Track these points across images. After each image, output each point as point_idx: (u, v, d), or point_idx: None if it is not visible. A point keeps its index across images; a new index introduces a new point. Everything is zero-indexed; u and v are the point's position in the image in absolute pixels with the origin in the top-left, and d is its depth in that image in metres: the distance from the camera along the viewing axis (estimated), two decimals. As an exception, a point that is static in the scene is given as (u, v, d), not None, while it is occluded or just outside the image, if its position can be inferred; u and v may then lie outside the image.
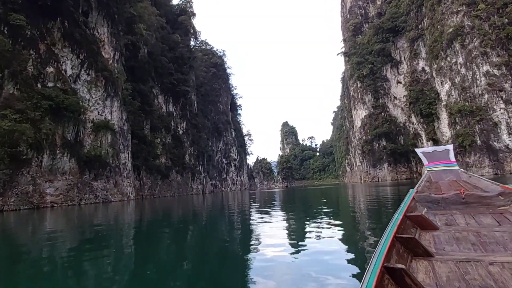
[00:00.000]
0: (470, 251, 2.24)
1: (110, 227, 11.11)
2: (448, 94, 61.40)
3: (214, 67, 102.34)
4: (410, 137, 77.89)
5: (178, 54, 65.27)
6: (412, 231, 2.71)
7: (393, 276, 1.61)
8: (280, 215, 11.83)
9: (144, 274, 4.50)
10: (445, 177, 6.16)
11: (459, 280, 1.73)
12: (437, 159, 6.68)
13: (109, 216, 16.74)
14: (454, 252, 2.23)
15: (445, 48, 61.92)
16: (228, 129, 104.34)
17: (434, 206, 3.88)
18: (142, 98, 50.52)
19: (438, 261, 2.03)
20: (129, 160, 42.83)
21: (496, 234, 2.54)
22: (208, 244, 6.64)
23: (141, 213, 18.15)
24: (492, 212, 3.44)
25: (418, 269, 1.95)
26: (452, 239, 2.55)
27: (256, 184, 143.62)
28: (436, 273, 1.85)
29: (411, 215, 2.91)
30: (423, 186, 5.27)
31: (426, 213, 3.60)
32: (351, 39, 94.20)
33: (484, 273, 1.78)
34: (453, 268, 1.90)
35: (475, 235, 2.60)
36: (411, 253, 2.14)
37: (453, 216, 3.44)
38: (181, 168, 62.58)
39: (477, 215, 3.39)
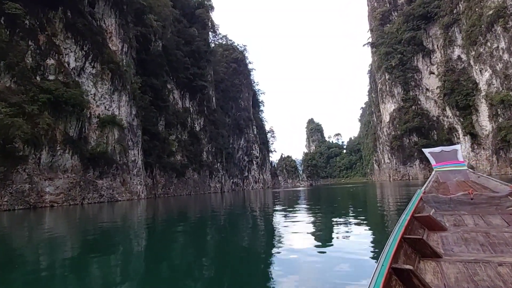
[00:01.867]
0: (479, 252, 2.22)
1: (108, 229, 10.40)
2: (489, 83, 55.36)
3: (234, 63, 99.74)
4: (444, 132, 71.87)
5: (195, 48, 63.10)
6: (420, 232, 2.71)
7: (400, 277, 1.59)
8: (298, 216, 11.04)
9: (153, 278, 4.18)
10: (453, 178, 6.07)
11: (467, 281, 1.70)
12: (445, 159, 6.53)
13: (110, 216, 15.79)
14: (462, 253, 2.21)
15: (485, 33, 55.89)
16: (250, 126, 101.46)
17: (442, 206, 3.86)
18: (155, 93, 48.60)
19: (447, 262, 2.02)
20: (140, 158, 40.90)
21: (505, 235, 2.52)
22: (221, 246, 6.31)
23: (149, 213, 17.22)
24: (501, 213, 3.41)
25: (426, 270, 1.93)
26: (461, 240, 2.53)
27: (280, 183, 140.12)
28: (444, 274, 1.83)
29: (418, 216, 2.91)
30: (431, 187, 5.20)
31: (434, 213, 3.53)
32: (379, 28, 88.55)
33: (493, 274, 1.75)
34: (462, 269, 1.87)
35: (484, 236, 2.58)
36: (419, 254, 2.12)
37: (462, 217, 3.42)
38: (198, 166, 60.44)
39: (486, 216, 3.36)
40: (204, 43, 69.15)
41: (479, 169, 59.60)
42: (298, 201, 20.55)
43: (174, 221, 12.54)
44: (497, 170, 52.28)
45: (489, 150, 56.84)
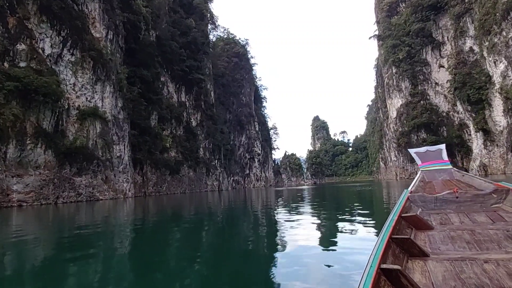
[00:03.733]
0: (465, 249, 2.25)
1: (84, 231, 9.01)
2: (504, 75, 51.51)
3: (236, 57, 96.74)
4: (454, 128, 67.95)
5: (191, 39, 60.16)
6: (407, 232, 2.72)
7: (389, 277, 1.59)
8: (296, 217, 9.95)
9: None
10: (439, 177, 6.20)
11: (454, 279, 1.72)
12: (430, 159, 6.67)
13: (86, 218, 14.15)
14: (449, 251, 2.24)
15: (500, 21, 51.96)
16: (252, 122, 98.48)
17: (429, 205, 3.92)
18: (146, 85, 45.80)
19: (434, 260, 2.03)
20: (127, 153, 38.18)
21: (490, 232, 2.57)
22: (215, 251, 5.75)
23: (133, 213, 15.80)
24: (485, 210, 3.48)
25: (414, 269, 1.94)
26: (447, 238, 2.56)
27: (284, 181, 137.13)
28: (432, 273, 1.84)
29: (406, 216, 2.90)
30: (417, 186, 5.28)
31: (420, 213, 3.60)
32: (385, 20, 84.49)
33: (479, 271, 1.78)
34: (449, 267, 1.89)
35: (469, 233, 2.62)
36: (407, 254, 2.13)
37: (448, 215, 3.46)
38: (194, 162, 57.66)
39: (471, 214, 3.41)
40: (202, 34, 66.16)
41: (492, 168, 55.98)
42: (298, 201, 18.39)
43: (163, 222, 11.38)
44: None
45: (504, 147, 53.04)
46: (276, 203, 17.60)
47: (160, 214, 14.77)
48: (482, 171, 58.23)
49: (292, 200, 19.52)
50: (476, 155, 60.55)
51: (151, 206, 21.76)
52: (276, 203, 17.64)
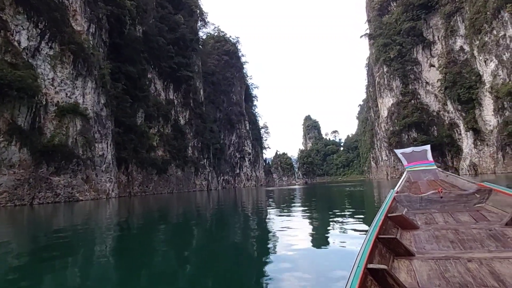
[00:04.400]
0: (449, 249, 2.28)
1: (60, 234, 8.32)
2: (494, 75, 51.40)
3: (226, 55, 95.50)
4: (445, 128, 67.91)
5: (179, 36, 58.74)
6: (393, 231, 2.75)
7: (375, 277, 1.61)
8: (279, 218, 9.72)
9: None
10: (424, 177, 6.25)
11: (439, 278, 1.75)
12: (416, 159, 6.66)
13: (62, 220, 13.37)
14: (434, 251, 2.26)
15: (490, 20, 51.86)
16: (242, 121, 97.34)
17: (414, 205, 3.95)
18: (132, 82, 44.37)
19: (419, 260, 2.05)
20: (110, 152, 36.78)
21: (473, 231, 2.61)
22: (202, 256, 5.35)
23: (114, 214, 14.98)
24: (469, 210, 3.53)
25: (400, 268, 1.95)
26: (432, 237, 2.59)
27: (275, 180, 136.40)
28: (417, 272, 1.86)
29: (392, 216, 2.93)
30: (403, 186, 5.31)
31: (406, 213, 3.62)
32: (377, 19, 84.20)
33: (463, 270, 1.81)
34: (433, 266, 1.91)
35: (453, 233, 2.66)
36: (393, 253, 2.14)
37: (432, 215, 3.49)
38: (182, 162, 56.34)
39: (455, 213, 3.46)
40: (191, 31, 64.76)
41: (482, 167, 55.88)
42: (289, 201, 17.67)
43: (148, 223, 10.66)
44: (502, 168, 48.46)
45: (494, 147, 52.93)
46: (266, 204, 17.01)
47: (145, 215, 13.93)
48: (472, 170, 58.13)
49: (283, 200, 18.78)
50: (466, 155, 60.45)
51: (136, 206, 20.80)
52: (266, 204, 17.06)
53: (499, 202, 3.41)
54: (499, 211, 3.25)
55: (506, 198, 3.32)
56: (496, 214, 3.18)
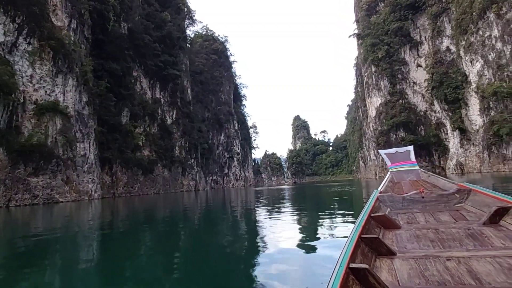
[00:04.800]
0: (429, 248, 2.31)
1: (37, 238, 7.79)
2: (480, 75, 51.89)
3: (215, 54, 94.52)
4: (432, 127, 68.35)
5: (166, 33, 57.66)
6: (376, 231, 2.77)
7: (357, 276, 1.62)
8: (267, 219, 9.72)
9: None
10: (407, 177, 6.40)
11: (419, 276, 1.78)
12: (399, 160, 6.89)
13: (39, 223, 12.78)
14: (414, 250, 2.28)
15: (476, 20, 52.34)
16: (231, 120, 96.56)
17: (397, 205, 4.01)
18: (116, 80, 43.21)
19: (400, 259, 2.08)
20: (93, 152, 35.65)
21: (452, 231, 2.66)
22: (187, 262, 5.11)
23: (93, 216, 14.52)
24: (449, 210, 3.62)
25: (382, 267, 1.98)
26: (413, 237, 2.62)
27: (264, 180, 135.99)
28: (398, 271, 1.88)
29: (375, 216, 2.96)
30: (386, 186, 5.38)
31: (389, 212, 3.67)
32: (365, 19, 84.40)
33: (442, 268, 1.85)
34: (414, 265, 1.94)
35: (433, 232, 2.71)
36: (375, 253, 2.17)
37: (414, 215, 3.53)
38: (169, 162, 55.33)
39: (435, 213, 3.52)
40: (178, 29, 63.71)
41: (468, 166, 56.41)
42: (277, 202, 17.52)
43: (132, 225, 10.33)
44: (488, 167, 48.89)
45: (480, 146, 53.44)
46: (255, 204, 16.66)
47: (129, 217, 13.48)
48: (458, 169, 58.65)
49: (271, 201, 18.46)
50: (453, 154, 60.97)
51: (120, 208, 20.34)
52: (254, 204, 16.76)
53: (477, 202, 3.49)
54: (478, 211, 3.33)
55: (484, 198, 3.39)
56: (474, 214, 3.27)
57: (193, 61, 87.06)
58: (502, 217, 2.76)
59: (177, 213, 14.17)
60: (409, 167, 6.73)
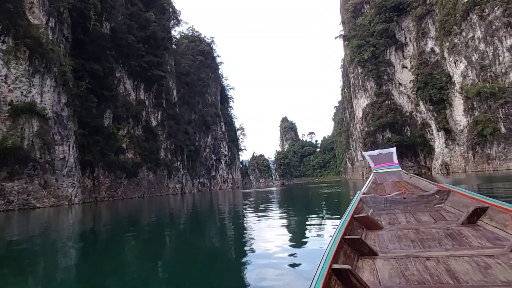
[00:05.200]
0: (410, 248, 2.34)
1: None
2: (464, 75, 52.49)
3: (201, 55, 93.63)
4: (417, 128, 68.97)
5: (150, 33, 56.53)
6: (359, 232, 2.80)
7: (340, 277, 1.63)
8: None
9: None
10: (389, 178, 6.52)
11: (399, 276, 1.81)
12: (382, 161, 6.93)
13: (11, 230, 12.26)
14: (396, 250, 2.31)
15: (460, 22, 53.02)
16: (218, 122, 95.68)
17: (379, 206, 4.10)
18: (98, 80, 41.93)
19: (382, 259, 2.11)
20: (72, 155, 34.39)
21: (432, 231, 2.72)
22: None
23: (72, 222, 13.92)
24: (429, 210, 3.69)
25: (364, 268, 2.00)
26: (395, 237, 2.65)
27: (252, 182, 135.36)
28: (380, 271, 1.91)
29: (358, 217, 2.98)
30: (369, 188, 5.45)
31: (372, 213, 3.70)
32: (351, 20, 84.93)
33: (421, 268, 1.88)
34: (395, 265, 1.97)
35: (414, 232, 2.74)
36: (358, 253, 2.19)
37: (396, 215, 3.59)
38: (154, 164, 54.14)
39: (416, 213, 3.58)
40: (163, 29, 62.62)
41: (453, 166, 56.98)
42: (265, 204, 17.00)
43: (114, 230, 9.96)
44: (473, 166, 49.39)
45: (464, 146, 54.04)
46: (242, 207, 16.36)
47: (111, 222, 12.99)
48: (444, 169, 59.22)
49: (259, 203, 17.93)
50: (438, 154, 61.57)
51: (101, 213, 19.64)
52: (242, 207, 16.43)
53: (456, 203, 3.54)
54: (456, 211, 3.39)
55: (462, 199, 3.46)
56: (453, 214, 3.33)
57: (179, 63, 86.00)
58: (479, 217, 2.83)
59: (162, 218, 13.77)
60: (391, 169, 6.83)
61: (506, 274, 1.70)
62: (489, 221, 2.69)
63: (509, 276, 1.68)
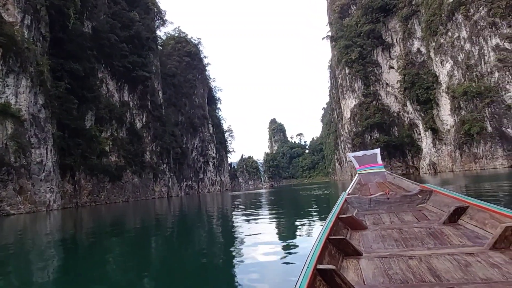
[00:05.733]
0: (393, 247, 2.37)
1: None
2: (450, 75, 52.72)
3: (188, 56, 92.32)
4: (405, 128, 69.19)
5: (134, 33, 55.12)
6: (343, 232, 2.82)
7: (324, 277, 1.64)
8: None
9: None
10: (373, 179, 6.61)
11: (383, 275, 1.83)
12: (366, 162, 7.01)
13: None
14: (379, 249, 2.34)
15: (445, 22, 53.31)
16: (205, 124, 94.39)
17: (364, 207, 4.18)
18: (79, 81, 40.44)
19: (366, 258, 2.13)
20: (51, 158, 32.89)
21: (415, 230, 2.76)
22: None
23: (48, 230, 13.05)
24: (412, 210, 3.76)
25: (348, 268, 2.02)
26: (379, 237, 2.69)
27: (241, 184, 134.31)
28: (364, 271, 1.93)
29: (343, 217, 3.00)
30: (354, 188, 5.51)
31: (356, 214, 3.75)
32: (338, 21, 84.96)
33: (404, 267, 1.91)
34: (378, 265, 2.00)
35: (397, 232, 2.79)
36: (342, 253, 2.21)
37: (380, 215, 3.66)
38: (139, 167, 52.68)
39: (400, 213, 3.65)
40: (147, 29, 61.22)
41: (441, 166, 57.14)
42: (252, 208, 16.24)
43: (95, 237, 9.54)
44: (460, 166, 49.51)
45: (451, 146, 54.24)
46: (230, 211, 15.96)
47: (92, 229, 12.39)
48: (432, 169, 59.36)
49: (248, 207, 17.31)
50: (426, 154, 61.74)
51: (82, 219, 18.73)
52: (230, 211, 15.97)
53: (438, 202, 3.61)
54: (438, 211, 3.45)
55: (443, 199, 3.51)
56: (435, 214, 3.41)
57: (165, 64, 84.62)
58: (460, 216, 2.88)
59: (146, 222, 13.33)
60: (376, 169, 6.91)
61: (485, 272, 1.73)
62: (469, 220, 2.75)
63: (488, 273, 1.70)
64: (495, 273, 1.72)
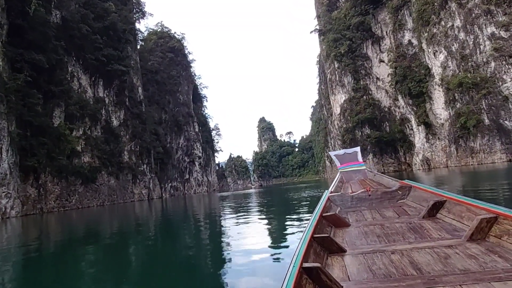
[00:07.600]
0: (376, 243, 2.42)
1: None
2: (444, 66, 50.43)
3: (171, 52, 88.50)
4: (396, 123, 66.96)
5: (109, 24, 51.25)
6: (327, 230, 2.84)
7: (310, 275, 1.67)
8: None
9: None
10: (355, 177, 6.96)
11: (367, 271, 1.88)
12: (348, 160, 7.23)
13: None
14: (363, 246, 2.39)
15: (438, 11, 50.99)
16: (190, 122, 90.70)
17: (346, 204, 4.26)
18: (44, 74, 36.60)
19: (350, 255, 2.17)
20: (7, 160, 29.14)
21: (396, 225, 2.82)
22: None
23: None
24: (393, 206, 3.89)
25: (333, 265, 2.05)
26: (361, 233, 2.74)
27: (229, 184, 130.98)
28: (348, 267, 1.97)
29: (326, 215, 3.05)
30: (336, 187, 5.64)
31: (339, 211, 3.80)
32: (326, 14, 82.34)
33: (387, 261, 1.97)
34: (362, 261, 2.04)
35: (380, 228, 2.84)
36: (327, 251, 2.24)
37: (362, 212, 3.77)
38: (116, 168, 48.97)
39: (381, 210, 3.79)
40: (124, 20, 57.25)
41: (435, 161, 54.98)
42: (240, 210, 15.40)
43: (54, 251, 8.10)
44: (456, 161, 47.27)
45: (445, 140, 52.01)
46: (219, 214, 14.55)
47: (53, 238, 11.13)
48: (425, 165, 57.13)
49: (234, 210, 15.68)
50: (419, 150, 59.52)
51: (45, 227, 16.79)
52: (218, 214, 14.66)
53: (417, 198, 3.75)
54: (418, 206, 3.58)
55: (422, 194, 3.63)
56: (415, 209, 3.52)
57: (147, 60, 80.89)
58: (438, 211, 2.92)
59: (122, 228, 12.55)
60: (357, 167, 7.01)
61: (463, 263, 1.80)
62: (447, 214, 2.79)
63: (466, 264, 1.78)
64: (473, 263, 1.77)
